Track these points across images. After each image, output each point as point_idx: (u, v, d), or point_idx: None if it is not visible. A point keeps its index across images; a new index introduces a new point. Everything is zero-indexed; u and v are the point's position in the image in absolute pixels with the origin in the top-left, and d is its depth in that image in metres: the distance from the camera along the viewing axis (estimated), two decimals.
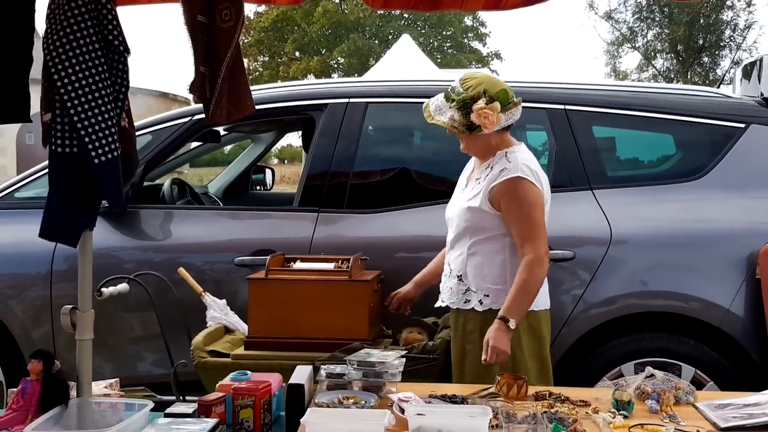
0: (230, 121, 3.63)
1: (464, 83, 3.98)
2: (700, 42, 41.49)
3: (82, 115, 2.85)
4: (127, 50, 3.04)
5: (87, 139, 2.85)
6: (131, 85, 3.12)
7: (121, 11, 3.27)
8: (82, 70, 2.86)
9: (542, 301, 4.04)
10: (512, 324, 3.80)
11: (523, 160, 3.96)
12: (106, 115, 2.89)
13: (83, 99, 2.85)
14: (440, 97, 4.05)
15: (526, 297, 3.87)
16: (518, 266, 3.91)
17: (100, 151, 2.87)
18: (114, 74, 3.00)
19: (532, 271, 3.86)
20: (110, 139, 2.89)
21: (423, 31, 46.70)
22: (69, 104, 2.84)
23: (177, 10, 3.53)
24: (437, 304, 4.18)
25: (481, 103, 3.88)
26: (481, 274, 3.98)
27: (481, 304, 3.95)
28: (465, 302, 4.01)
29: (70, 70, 2.84)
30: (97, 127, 2.87)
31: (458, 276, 4.06)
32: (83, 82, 2.86)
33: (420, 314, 4.53)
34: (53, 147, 2.91)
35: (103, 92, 2.90)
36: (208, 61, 3.47)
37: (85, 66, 2.87)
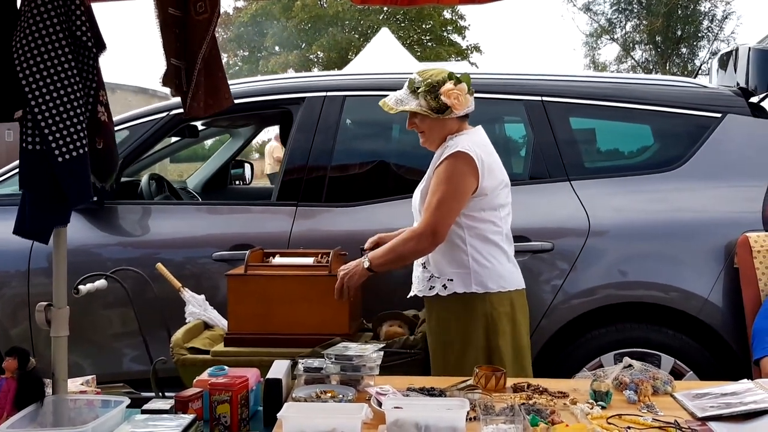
0: (208, 114, 3.61)
1: (424, 73, 4.03)
2: (679, 33, 41.62)
3: (47, 113, 2.83)
4: (97, 46, 3.02)
5: (51, 138, 2.83)
6: (110, 81, 3.10)
7: (96, 7, 3.25)
8: (48, 67, 2.85)
9: (508, 280, 4.02)
10: (366, 263, 4.02)
11: (470, 141, 3.93)
12: (72, 113, 2.87)
13: (48, 97, 2.84)
14: (401, 91, 4.08)
15: (392, 255, 3.99)
16: (480, 249, 3.94)
17: (64, 149, 2.85)
18: (84, 71, 2.97)
19: (407, 240, 3.94)
20: (76, 137, 2.87)
21: (402, 25, 46.65)
22: (33, 102, 2.82)
23: (152, 5, 3.51)
24: (409, 295, 4.17)
25: (449, 84, 3.92)
26: (442, 260, 3.98)
27: (445, 288, 3.95)
28: (429, 289, 4.01)
29: (35, 68, 2.83)
30: (62, 125, 2.85)
31: (422, 264, 4.07)
32: (48, 80, 2.84)
33: (399, 306, 4.52)
34: (24, 144, 2.90)
35: (70, 89, 2.88)
36: (184, 54, 3.45)
37: (50, 63, 2.85)
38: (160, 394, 3.91)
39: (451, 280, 3.95)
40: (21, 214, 3.01)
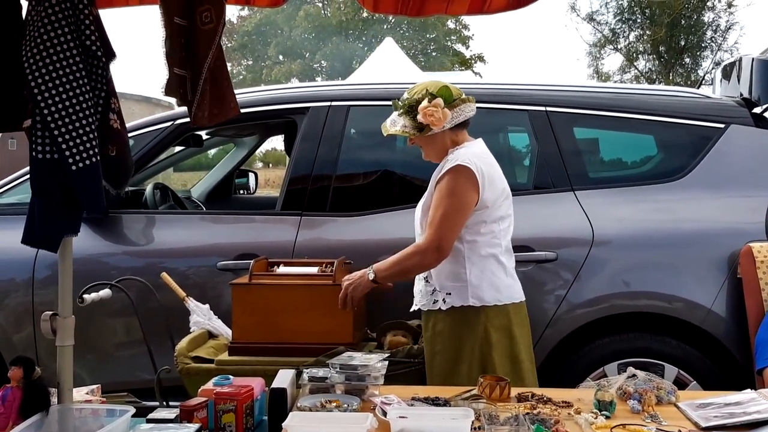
0: (213, 123, 3.61)
1: (410, 91, 4.05)
2: (682, 43, 41.65)
3: (59, 122, 2.84)
4: (106, 55, 3.03)
5: (64, 146, 2.84)
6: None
7: (101, 14, 3.26)
8: (59, 76, 2.85)
9: (505, 294, 4.01)
10: (371, 275, 4.04)
11: (470, 154, 3.95)
12: (84, 122, 2.88)
13: (60, 105, 2.84)
14: (394, 113, 4.11)
15: (397, 268, 4.01)
16: (477, 263, 3.95)
17: (78, 158, 2.85)
18: (93, 80, 2.98)
19: (412, 255, 3.96)
20: (88, 145, 2.88)
21: (406, 35, 46.79)
22: (46, 111, 2.83)
23: (158, 13, 3.53)
24: (412, 309, 4.18)
25: (424, 102, 3.92)
26: (443, 273, 3.98)
27: (445, 302, 3.96)
28: (433, 303, 4.01)
29: (47, 77, 2.83)
30: (74, 134, 2.85)
31: (425, 278, 4.08)
32: (60, 89, 2.85)
33: (403, 316, 4.52)
34: (34, 153, 2.90)
35: (81, 98, 2.88)
36: (189, 63, 3.46)
37: (62, 72, 2.86)
38: (164, 403, 3.91)
39: (450, 293, 3.96)
40: (30, 223, 3.00)
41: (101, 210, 2.99)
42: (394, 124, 4.06)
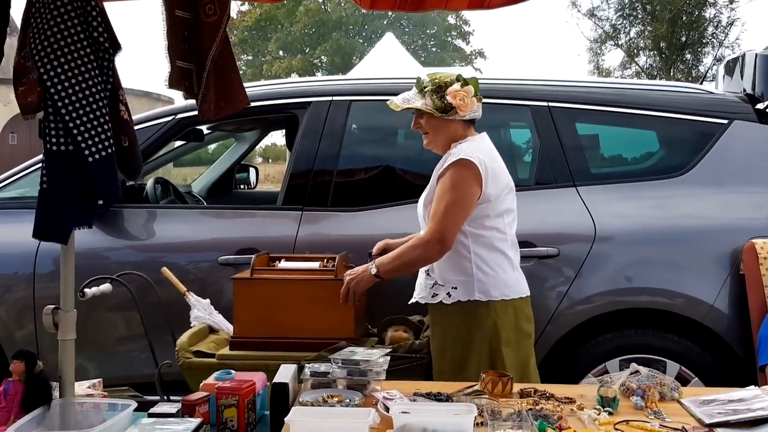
0: (221, 116, 3.59)
1: (434, 76, 4.05)
2: (683, 39, 41.51)
3: (74, 114, 2.84)
4: (112, 47, 3.02)
5: (80, 138, 2.84)
6: None
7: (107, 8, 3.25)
8: (71, 68, 2.85)
9: (512, 288, 4.02)
10: (374, 270, 4.02)
11: (473, 148, 3.94)
12: (99, 113, 2.89)
13: (74, 98, 2.85)
14: (408, 92, 4.09)
15: (399, 262, 3.99)
16: (484, 257, 3.94)
17: (93, 149, 2.86)
18: (104, 72, 2.98)
19: (414, 248, 3.95)
20: (104, 137, 2.89)
21: (407, 30, 46.75)
22: (60, 104, 2.83)
23: (158, 8, 3.52)
24: (411, 301, 4.17)
25: (456, 85, 3.94)
26: (446, 268, 3.98)
27: (449, 296, 3.95)
28: (433, 296, 4.01)
29: (59, 69, 2.84)
30: (89, 125, 2.86)
31: (426, 271, 4.07)
32: (73, 81, 2.85)
33: (404, 311, 4.51)
34: (48, 145, 2.90)
35: (94, 89, 2.89)
36: (194, 56, 3.45)
37: (74, 64, 2.86)
38: (165, 397, 3.91)
39: (455, 288, 3.95)
40: (42, 216, 2.97)
41: (118, 200, 3.01)
42: (408, 101, 4.05)
